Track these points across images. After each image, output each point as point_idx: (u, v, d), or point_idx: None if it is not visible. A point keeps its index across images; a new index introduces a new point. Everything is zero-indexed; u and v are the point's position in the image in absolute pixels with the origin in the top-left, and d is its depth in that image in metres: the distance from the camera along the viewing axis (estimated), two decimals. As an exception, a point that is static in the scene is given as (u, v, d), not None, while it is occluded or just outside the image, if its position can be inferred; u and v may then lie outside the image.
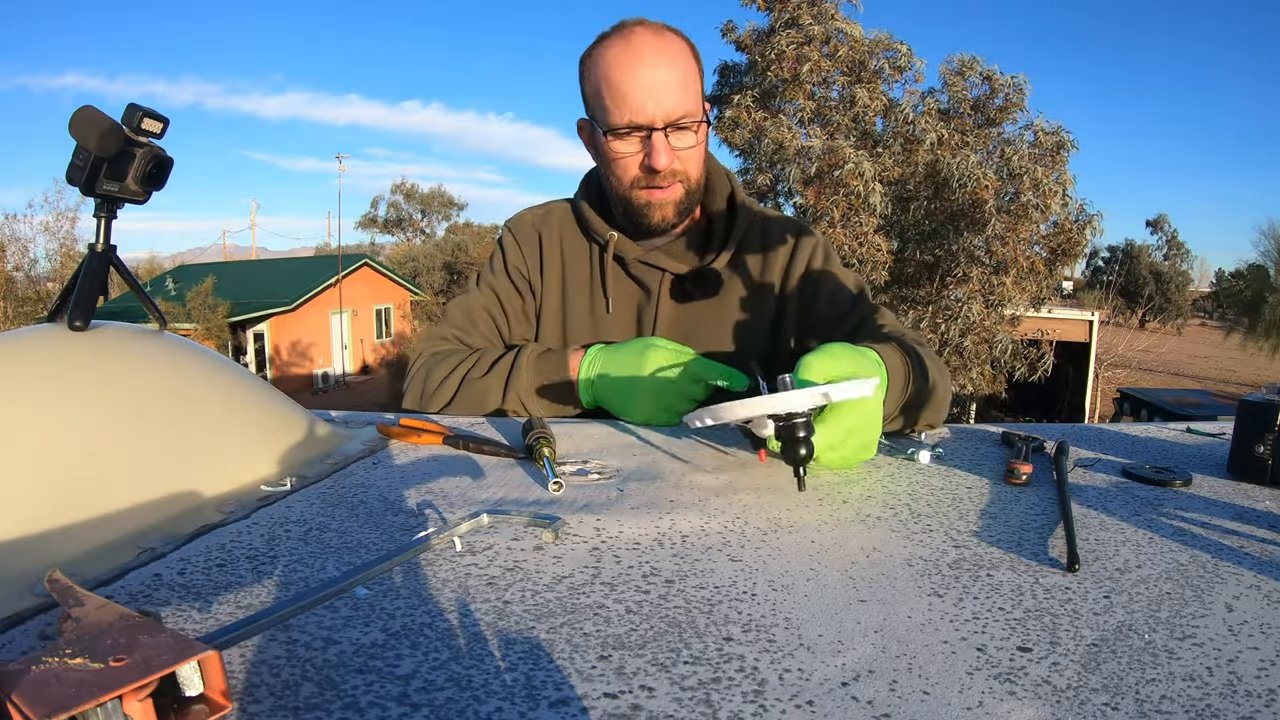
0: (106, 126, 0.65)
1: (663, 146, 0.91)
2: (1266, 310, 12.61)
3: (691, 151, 0.95)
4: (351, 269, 18.72)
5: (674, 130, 0.92)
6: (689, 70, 0.94)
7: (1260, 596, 0.44)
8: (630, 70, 0.90)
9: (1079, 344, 12.39)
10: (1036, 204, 7.23)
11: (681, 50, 0.94)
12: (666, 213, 0.98)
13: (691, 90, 0.93)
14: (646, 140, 0.92)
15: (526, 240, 1.08)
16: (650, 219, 0.98)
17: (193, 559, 0.48)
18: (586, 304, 1.06)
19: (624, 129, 0.92)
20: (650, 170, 0.93)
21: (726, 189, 1.06)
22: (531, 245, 1.08)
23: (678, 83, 0.91)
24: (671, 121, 0.91)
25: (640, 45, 0.91)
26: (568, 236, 1.08)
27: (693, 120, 0.93)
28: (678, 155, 0.94)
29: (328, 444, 0.74)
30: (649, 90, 0.90)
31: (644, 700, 0.34)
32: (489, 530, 0.53)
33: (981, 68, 8.11)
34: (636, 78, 0.90)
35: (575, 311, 1.06)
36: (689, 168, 0.96)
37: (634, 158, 0.94)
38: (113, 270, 0.71)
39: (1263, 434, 0.65)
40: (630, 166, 0.95)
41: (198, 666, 0.31)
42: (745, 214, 1.04)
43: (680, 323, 1.03)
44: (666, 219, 0.99)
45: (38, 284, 14.61)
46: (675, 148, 0.93)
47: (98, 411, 0.58)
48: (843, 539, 0.52)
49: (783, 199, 8.35)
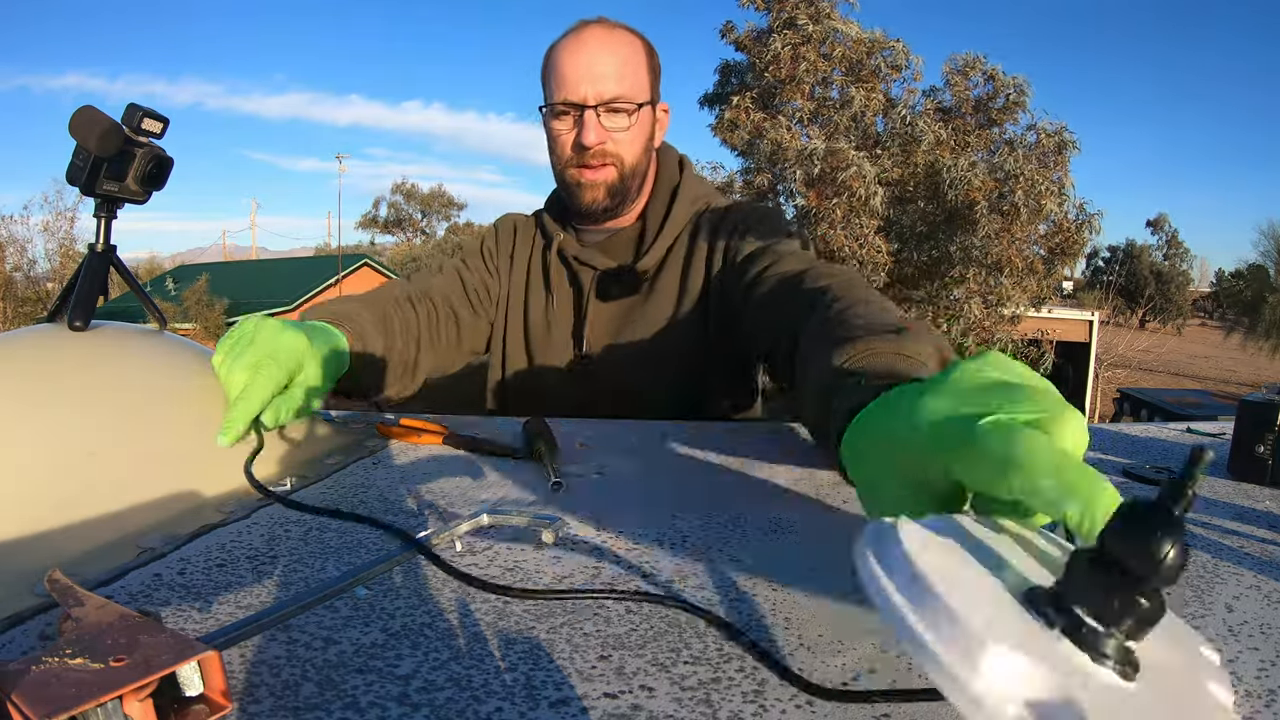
0: (106, 126, 0.66)
1: (592, 124, 0.96)
2: (1266, 310, 12.62)
3: (624, 134, 0.99)
4: (351, 269, 18.71)
5: (607, 111, 0.97)
6: (632, 60, 0.99)
7: (1260, 596, 0.44)
8: (571, 54, 0.97)
9: (1079, 344, 12.38)
10: (1029, 205, 7.23)
11: (628, 43, 1.00)
12: (597, 194, 1.01)
13: (629, 78, 0.98)
14: (579, 119, 0.97)
15: (505, 233, 1.16)
16: (582, 199, 1.02)
17: (193, 559, 0.48)
18: (542, 299, 1.11)
19: (560, 106, 0.98)
20: (580, 147, 0.98)
21: (671, 184, 1.08)
22: (508, 237, 1.15)
23: (614, 68, 0.97)
24: (604, 101, 0.96)
25: (586, 36, 0.98)
26: (536, 235, 1.15)
27: (628, 104, 0.97)
28: (610, 136, 0.98)
29: (328, 444, 0.74)
30: (585, 71, 0.96)
31: (644, 700, 0.34)
32: (489, 530, 0.53)
33: (985, 66, 8.11)
34: (576, 61, 0.97)
35: (534, 306, 1.11)
36: (623, 151, 1.00)
37: (568, 135, 0.99)
38: (113, 270, 0.71)
39: (1263, 434, 0.65)
40: (565, 145, 1.00)
41: (198, 666, 0.31)
42: (684, 208, 1.06)
43: (609, 321, 1.06)
44: (597, 200, 1.02)
45: (37, 284, 14.62)
46: (607, 128, 0.98)
47: (98, 411, 0.58)
48: (843, 539, 0.52)
49: (783, 199, 8.36)
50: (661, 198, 1.07)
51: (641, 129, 1.01)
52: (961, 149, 7.64)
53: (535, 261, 1.12)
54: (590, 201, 1.02)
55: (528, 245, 1.14)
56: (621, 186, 1.01)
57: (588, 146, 0.97)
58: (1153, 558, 0.21)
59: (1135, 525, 0.22)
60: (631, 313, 1.04)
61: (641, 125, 1.00)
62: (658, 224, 1.06)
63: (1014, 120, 8.16)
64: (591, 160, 0.98)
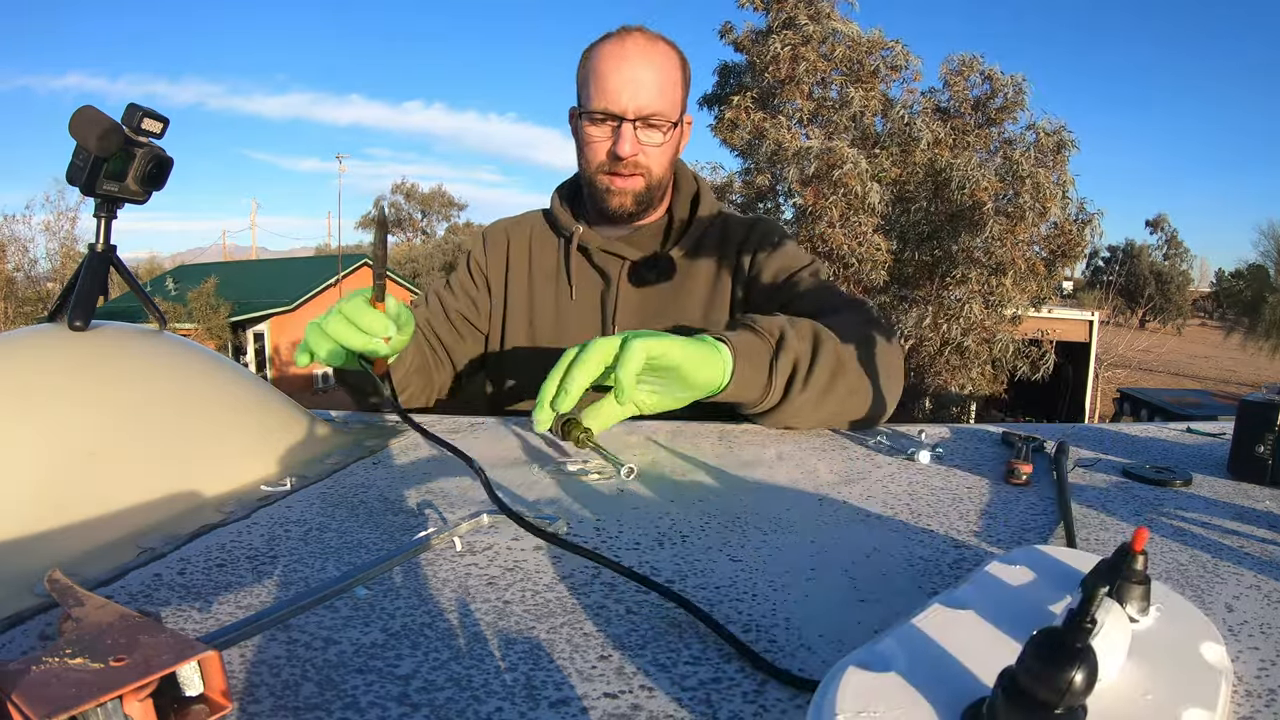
0: (106, 126, 0.65)
1: (629, 136, 1.00)
2: (1266, 310, 12.62)
3: (657, 149, 1.03)
4: (351, 269, 18.70)
5: (643, 126, 1.01)
6: (670, 76, 1.02)
7: (1260, 596, 0.44)
8: (615, 64, 1.00)
9: (1079, 344, 12.38)
10: (1034, 207, 7.23)
11: (668, 58, 1.03)
12: (625, 200, 1.06)
13: (668, 95, 1.02)
14: (617, 129, 1.01)
15: (494, 244, 1.18)
16: (610, 204, 1.06)
17: (193, 559, 0.48)
18: (552, 294, 1.13)
19: (599, 114, 1.01)
20: (615, 157, 1.01)
21: (692, 191, 1.13)
22: (498, 247, 1.17)
23: (655, 84, 1.00)
24: (642, 116, 1.00)
25: (630, 45, 1.01)
26: (537, 235, 1.17)
27: (663, 121, 1.02)
28: (643, 149, 1.02)
29: (328, 444, 0.74)
30: (627, 84, 0.99)
31: (644, 700, 0.34)
32: (489, 530, 0.53)
33: (982, 66, 8.11)
34: (619, 71, 0.99)
35: (542, 302, 1.13)
36: (652, 164, 1.04)
37: (603, 143, 1.03)
38: (113, 270, 0.71)
39: (1263, 434, 0.65)
40: (599, 151, 1.03)
41: (198, 666, 0.31)
42: (707, 213, 1.12)
43: (640, 308, 1.09)
44: (625, 206, 1.06)
45: (38, 284, 14.62)
46: (642, 142, 1.02)
47: (98, 411, 0.58)
48: (843, 539, 0.52)
49: (782, 199, 8.36)
50: (684, 201, 1.12)
51: (672, 144, 1.06)
52: (961, 148, 7.64)
53: (544, 259, 1.14)
54: (619, 206, 1.06)
55: (525, 245, 1.16)
56: (647, 195, 1.06)
57: (622, 157, 1.01)
58: (1059, 689, 0.24)
59: (1041, 661, 0.24)
60: (664, 301, 1.08)
61: (672, 140, 1.05)
62: (684, 222, 1.11)
63: (1013, 120, 8.16)
64: (623, 169, 1.03)
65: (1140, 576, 0.32)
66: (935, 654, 0.30)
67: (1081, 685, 0.24)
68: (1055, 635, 0.25)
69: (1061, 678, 0.24)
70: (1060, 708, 0.24)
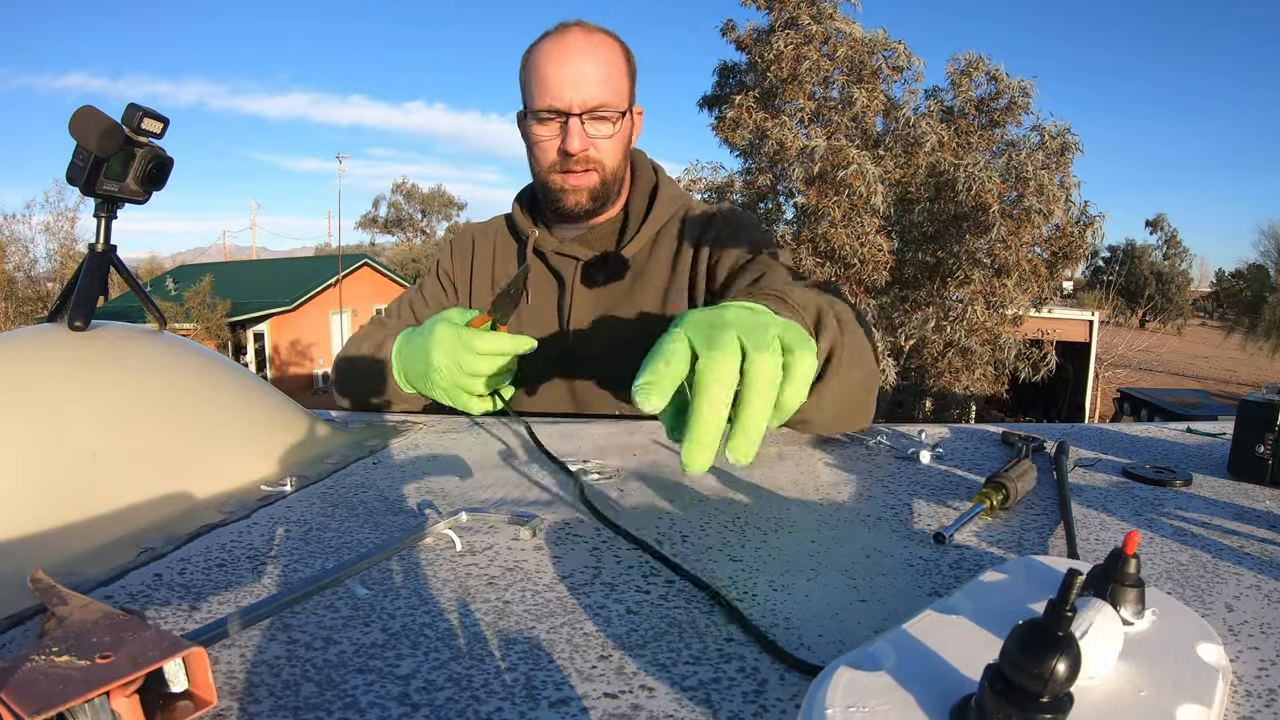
0: (106, 126, 0.65)
1: (577, 131, 0.97)
2: (1266, 310, 12.62)
3: (608, 141, 1.01)
4: (351, 269, 18.71)
5: (591, 119, 0.98)
6: (614, 67, 1.00)
7: (1260, 596, 0.44)
8: (556, 60, 0.97)
9: (1079, 344, 12.38)
10: (1039, 209, 7.22)
11: (610, 49, 1.01)
12: (580, 198, 1.03)
13: (613, 85, 0.99)
14: (564, 126, 0.98)
15: (460, 247, 1.19)
16: (565, 203, 1.04)
17: (193, 559, 0.48)
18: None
19: (544, 113, 0.98)
20: (565, 154, 0.99)
21: (650, 183, 1.11)
22: (464, 250, 1.18)
23: (597, 76, 0.97)
24: (589, 109, 0.97)
25: (569, 40, 0.99)
26: (501, 240, 1.17)
27: (611, 111, 0.99)
28: (593, 143, 1.00)
29: (328, 444, 0.74)
30: (569, 78, 0.96)
31: (644, 700, 0.34)
32: (489, 530, 0.53)
33: (988, 67, 8.11)
34: (561, 67, 0.97)
35: None
36: (604, 157, 1.02)
37: (552, 141, 1.00)
38: (113, 270, 0.71)
39: (1263, 434, 0.65)
40: (549, 150, 1.01)
41: (183, 663, 0.31)
42: (665, 206, 1.09)
43: (594, 309, 1.07)
44: (580, 204, 1.04)
45: (38, 284, 14.61)
46: (591, 135, 0.99)
47: (98, 411, 0.58)
48: (843, 539, 0.52)
49: (783, 199, 8.35)
50: (641, 195, 1.10)
51: (623, 135, 1.03)
52: (965, 150, 7.64)
53: (503, 263, 1.15)
54: (574, 205, 1.04)
55: (490, 250, 1.16)
56: (603, 190, 1.04)
57: (572, 153, 0.99)
58: (1041, 677, 0.24)
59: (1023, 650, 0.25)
60: (617, 300, 1.06)
61: (623, 131, 1.03)
62: (640, 217, 1.08)
63: (1017, 121, 8.16)
64: (575, 166, 1.00)
65: (1133, 580, 0.32)
66: (925, 655, 0.30)
67: (1065, 673, 0.24)
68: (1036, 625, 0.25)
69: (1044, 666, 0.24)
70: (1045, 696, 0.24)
